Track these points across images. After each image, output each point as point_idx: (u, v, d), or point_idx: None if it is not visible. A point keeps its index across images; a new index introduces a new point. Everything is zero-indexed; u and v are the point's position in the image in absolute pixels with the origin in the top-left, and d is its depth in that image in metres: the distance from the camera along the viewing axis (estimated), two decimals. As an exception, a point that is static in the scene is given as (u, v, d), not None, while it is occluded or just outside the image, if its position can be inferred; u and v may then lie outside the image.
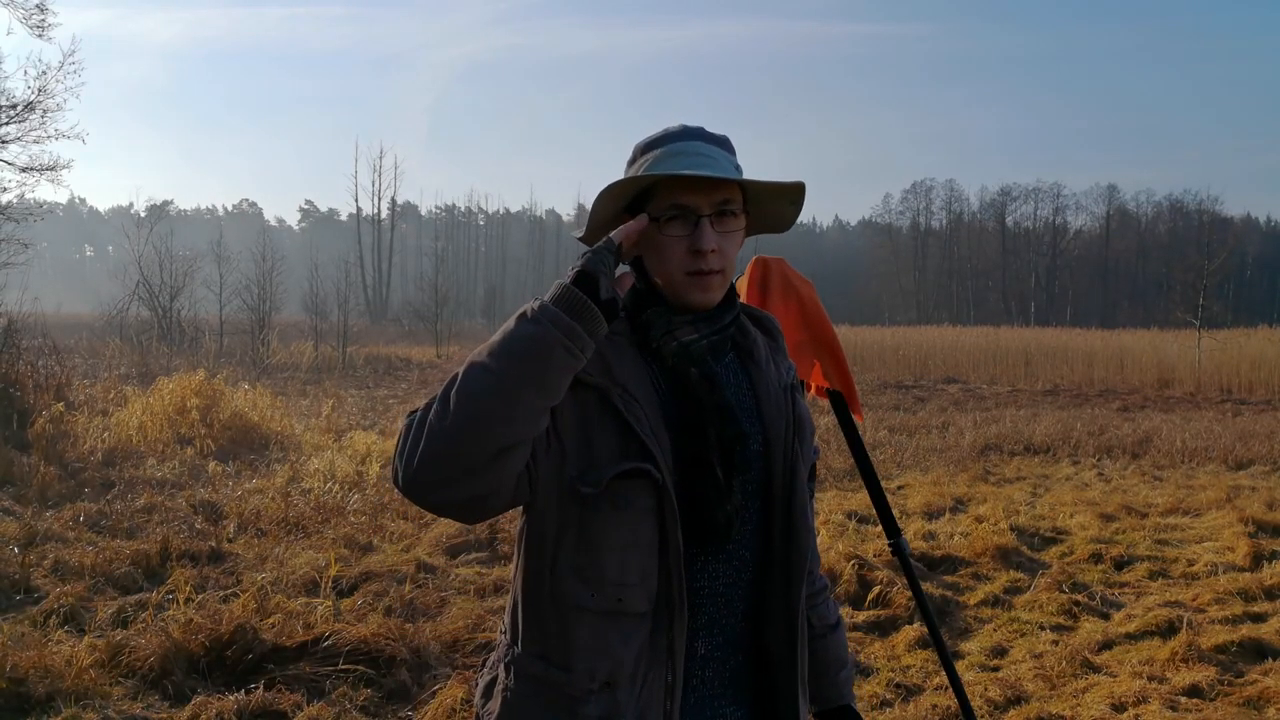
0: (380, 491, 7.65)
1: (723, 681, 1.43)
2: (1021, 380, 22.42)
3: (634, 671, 1.33)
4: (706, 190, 1.39)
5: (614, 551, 1.34)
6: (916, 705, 4.06)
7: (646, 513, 1.34)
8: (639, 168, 1.43)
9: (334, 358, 25.59)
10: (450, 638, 4.44)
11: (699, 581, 1.39)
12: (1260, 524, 6.99)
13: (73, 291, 57.36)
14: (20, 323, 12.28)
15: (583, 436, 1.36)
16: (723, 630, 1.42)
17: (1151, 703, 4.02)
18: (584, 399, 1.36)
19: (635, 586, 1.34)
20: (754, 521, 1.44)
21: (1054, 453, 10.94)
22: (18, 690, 3.76)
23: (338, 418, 12.39)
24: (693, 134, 1.45)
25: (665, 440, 1.36)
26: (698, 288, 1.40)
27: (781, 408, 1.47)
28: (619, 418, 1.35)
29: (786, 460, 1.45)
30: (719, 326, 1.44)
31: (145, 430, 9.94)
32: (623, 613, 1.34)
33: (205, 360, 17.95)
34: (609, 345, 1.39)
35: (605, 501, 1.34)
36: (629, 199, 1.45)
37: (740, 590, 1.43)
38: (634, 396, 1.36)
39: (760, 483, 1.44)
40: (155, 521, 6.61)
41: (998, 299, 70.48)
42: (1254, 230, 76.50)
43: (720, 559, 1.41)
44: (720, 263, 1.40)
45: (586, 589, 1.35)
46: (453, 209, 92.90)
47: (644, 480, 1.34)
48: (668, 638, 1.35)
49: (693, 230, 1.38)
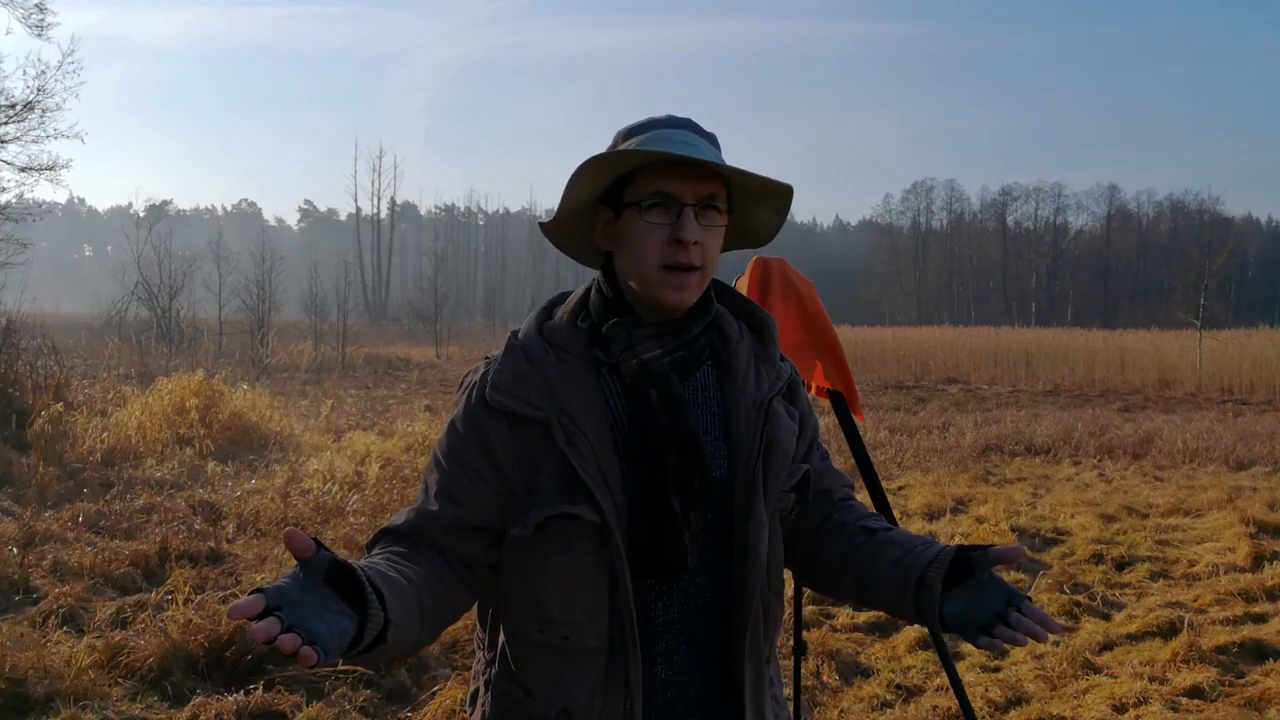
0: (380, 492, 7.64)
1: (687, 704, 1.36)
2: (1022, 381, 22.41)
3: (589, 703, 1.29)
4: (693, 179, 1.29)
5: (557, 591, 1.29)
6: (917, 706, 4.05)
7: (587, 554, 1.28)
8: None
9: (333, 358, 25.58)
10: (450, 638, 4.43)
11: (653, 613, 1.32)
12: (1261, 525, 6.97)
13: (72, 291, 57.36)
14: (19, 323, 12.27)
15: (527, 476, 1.30)
16: (684, 657, 1.35)
17: (1152, 703, 4.01)
18: (527, 435, 1.30)
19: (582, 625, 1.29)
20: (716, 546, 1.34)
21: (1055, 453, 10.93)
22: (16, 691, 3.75)
23: (337, 418, 12.38)
24: (681, 123, 1.35)
25: (614, 474, 1.28)
26: (672, 285, 1.30)
27: (751, 428, 1.36)
28: (561, 454, 1.27)
29: (747, 490, 1.34)
30: (686, 339, 1.34)
31: (144, 430, 9.92)
32: (572, 649, 1.29)
33: (204, 360, 17.92)
34: (558, 368, 1.31)
35: (542, 543, 1.29)
36: (606, 184, 1.33)
37: (699, 616, 1.35)
38: (579, 428, 1.28)
39: (722, 509, 1.34)
40: (154, 522, 6.60)
41: (998, 299, 70.50)
42: (1255, 230, 76.55)
43: (677, 589, 1.33)
44: (700, 258, 1.30)
45: (535, 626, 1.31)
46: (452, 209, 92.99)
47: (579, 522, 1.26)
48: (624, 671, 1.29)
49: (675, 220, 1.29)
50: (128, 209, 68.48)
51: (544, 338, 1.36)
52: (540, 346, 1.34)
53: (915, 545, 1.38)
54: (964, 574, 1.29)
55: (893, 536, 1.43)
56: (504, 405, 1.30)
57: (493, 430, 1.31)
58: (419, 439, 10.24)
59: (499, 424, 1.31)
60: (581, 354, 1.33)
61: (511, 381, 1.31)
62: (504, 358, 1.35)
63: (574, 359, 1.33)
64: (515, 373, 1.32)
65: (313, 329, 28.89)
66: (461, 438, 1.33)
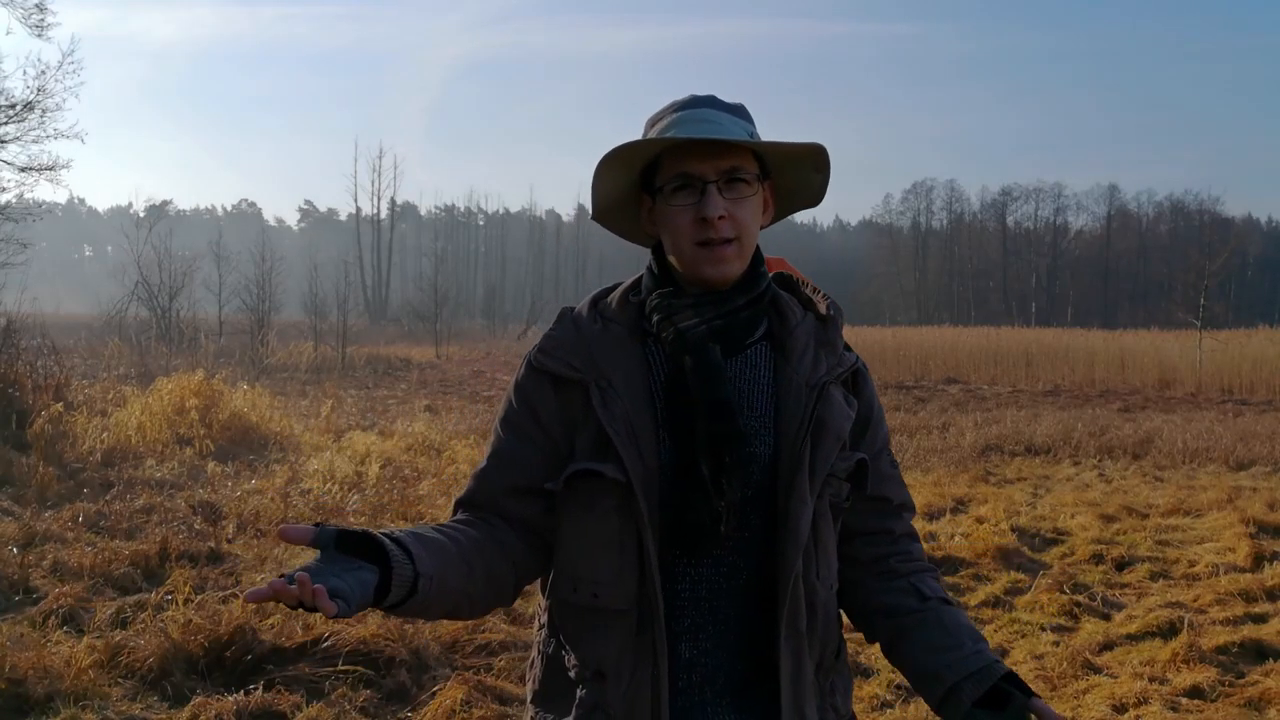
0: (380, 492, 7.64)
1: (716, 689, 1.36)
2: (1022, 381, 22.39)
3: (619, 666, 1.31)
4: (712, 156, 1.32)
5: (585, 550, 1.34)
6: (917, 706, 4.05)
7: (612, 514, 1.32)
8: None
9: (333, 358, 25.56)
10: (450, 638, 4.43)
11: (679, 585, 1.34)
12: (1261, 525, 6.97)
13: (72, 292, 57.36)
14: (19, 323, 12.26)
15: (569, 437, 1.36)
16: (710, 636, 1.35)
17: (1152, 704, 4.01)
18: (569, 397, 1.36)
19: (608, 585, 1.32)
20: (755, 527, 1.35)
21: (1055, 453, 10.93)
22: (16, 691, 3.75)
23: (337, 418, 12.36)
24: (702, 102, 1.37)
25: (648, 439, 1.31)
26: (708, 260, 1.33)
27: (801, 407, 1.35)
28: (598, 416, 1.32)
29: (792, 466, 1.34)
30: (727, 309, 1.35)
31: (144, 431, 9.92)
32: (601, 609, 1.33)
33: (204, 360, 17.90)
34: (603, 336, 1.37)
35: (572, 501, 1.35)
36: (635, 174, 1.39)
37: (731, 598, 1.35)
38: (616, 392, 1.32)
39: (764, 488, 1.34)
40: (154, 522, 6.59)
41: (998, 299, 70.48)
42: (1255, 230, 76.52)
43: (706, 564, 1.34)
44: (732, 230, 1.32)
45: (569, 584, 1.36)
46: (452, 209, 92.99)
47: (604, 481, 1.30)
48: (651, 637, 1.31)
49: (700, 198, 1.32)
50: (128, 209, 68.57)
51: (597, 310, 1.43)
52: (590, 318, 1.42)
53: (962, 641, 1.37)
54: (997, 698, 1.30)
55: (941, 617, 1.41)
56: (547, 367, 1.38)
57: (538, 393, 1.38)
58: (419, 439, 10.25)
59: (544, 387, 1.38)
60: (628, 325, 1.40)
61: (556, 346, 1.39)
62: (554, 325, 1.43)
63: (620, 328, 1.39)
64: (562, 338, 1.40)
65: (313, 329, 28.86)
66: (512, 402, 1.42)
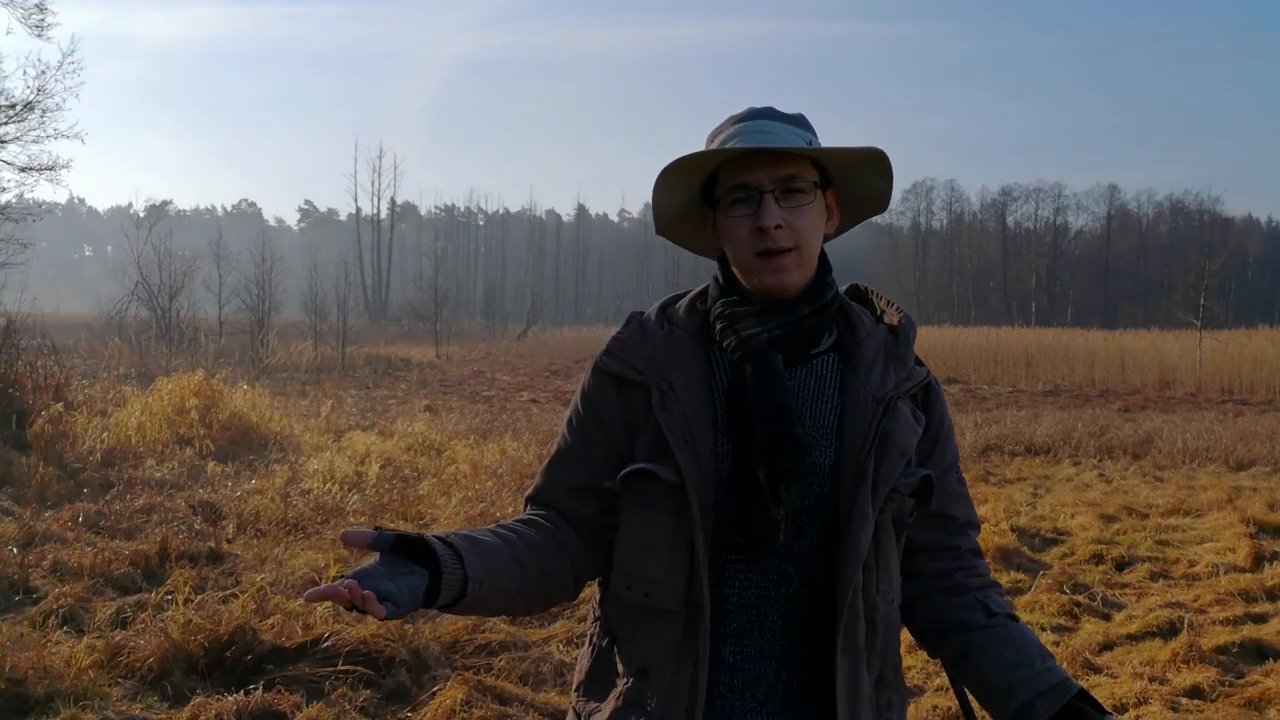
0: (380, 492, 7.64)
1: (758, 696, 1.35)
2: (1022, 380, 22.39)
3: (663, 666, 1.33)
4: (768, 166, 1.32)
5: (640, 549, 1.36)
6: (917, 706, 4.05)
7: (666, 515, 1.33)
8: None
9: (333, 358, 25.57)
10: (450, 639, 4.43)
11: (729, 589, 1.34)
12: (1261, 525, 6.98)
13: (72, 292, 57.34)
14: (19, 323, 12.26)
15: (630, 439, 1.39)
16: (755, 643, 1.35)
17: (1152, 704, 4.01)
18: (632, 399, 1.38)
19: (660, 584, 1.33)
20: (811, 538, 1.34)
21: (1055, 453, 10.93)
22: (16, 691, 3.74)
23: (337, 418, 12.36)
24: (759, 114, 1.37)
25: (706, 443, 1.32)
26: (769, 270, 1.33)
27: (866, 421, 1.34)
28: (655, 416, 1.34)
29: (854, 479, 1.33)
30: (790, 319, 1.35)
31: (144, 431, 9.91)
32: (650, 608, 1.34)
33: (204, 360, 17.91)
34: (668, 341, 1.40)
35: (630, 501, 1.37)
36: (696, 186, 1.40)
37: (780, 606, 1.34)
38: (676, 395, 1.34)
39: (823, 499, 1.34)
40: (154, 522, 6.59)
41: (998, 299, 70.48)
42: (1255, 230, 76.57)
43: (757, 570, 1.34)
44: (790, 239, 1.32)
45: (623, 581, 1.39)
46: (452, 209, 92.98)
47: (659, 482, 1.32)
48: (694, 638, 1.32)
49: (756, 209, 1.33)
50: (128, 209, 68.57)
51: (664, 316, 1.45)
52: (657, 322, 1.43)
53: (1033, 658, 1.36)
54: (1071, 716, 1.29)
55: (1011, 634, 1.40)
56: (611, 369, 1.40)
57: (602, 394, 1.41)
58: (419, 439, 10.25)
59: (608, 388, 1.41)
60: (693, 331, 1.41)
61: (621, 348, 1.42)
62: (622, 329, 1.45)
63: (684, 334, 1.41)
64: (627, 341, 1.42)
65: (313, 329, 28.88)
66: (578, 404, 1.45)
